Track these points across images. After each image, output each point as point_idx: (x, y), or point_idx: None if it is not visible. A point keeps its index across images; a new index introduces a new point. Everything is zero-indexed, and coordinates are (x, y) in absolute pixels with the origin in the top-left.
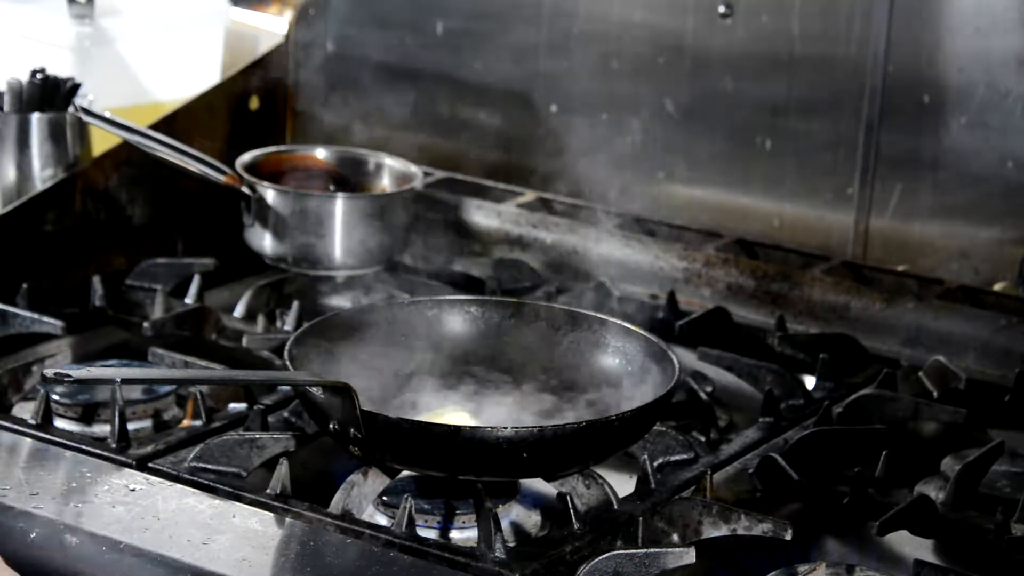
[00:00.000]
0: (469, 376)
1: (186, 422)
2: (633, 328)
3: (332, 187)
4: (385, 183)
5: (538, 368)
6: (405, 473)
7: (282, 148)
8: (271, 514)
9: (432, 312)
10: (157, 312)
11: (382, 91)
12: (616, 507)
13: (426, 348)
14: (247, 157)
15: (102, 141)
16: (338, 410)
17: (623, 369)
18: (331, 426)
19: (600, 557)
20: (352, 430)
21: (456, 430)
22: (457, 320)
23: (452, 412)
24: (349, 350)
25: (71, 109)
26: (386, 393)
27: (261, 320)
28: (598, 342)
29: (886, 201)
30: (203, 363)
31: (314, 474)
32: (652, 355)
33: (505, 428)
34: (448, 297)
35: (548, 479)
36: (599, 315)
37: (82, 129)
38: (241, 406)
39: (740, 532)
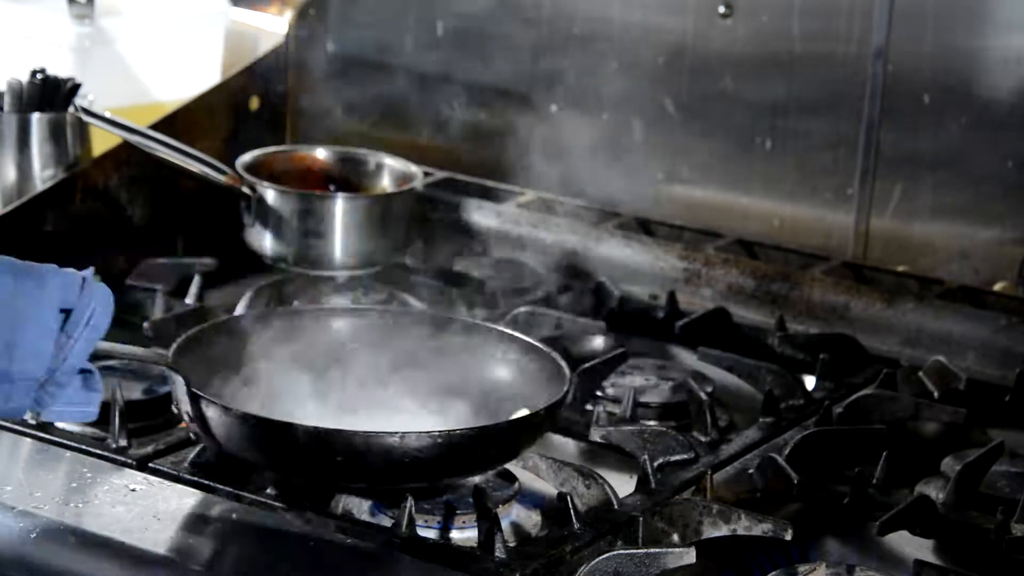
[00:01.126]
0: (361, 383)
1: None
2: (521, 336)
3: (332, 187)
4: (385, 183)
5: (425, 377)
6: None
7: (282, 148)
8: (271, 514)
9: (323, 320)
10: (157, 312)
11: (382, 91)
12: (616, 507)
13: (314, 356)
14: (247, 157)
15: (102, 141)
16: (178, 390)
17: (512, 376)
18: (172, 406)
19: (600, 557)
20: (185, 410)
21: (263, 421)
22: (354, 328)
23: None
24: (242, 355)
25: (71, 109)
26: (272, 397)
27: None
28: (490, 353)
29: (886, 201)
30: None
31: None
32: (540, 362)
33: (305, 424)
34: (340, 307)
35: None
36: (492, 325)
37: (82, 129)
38: None
39: (740, 532)
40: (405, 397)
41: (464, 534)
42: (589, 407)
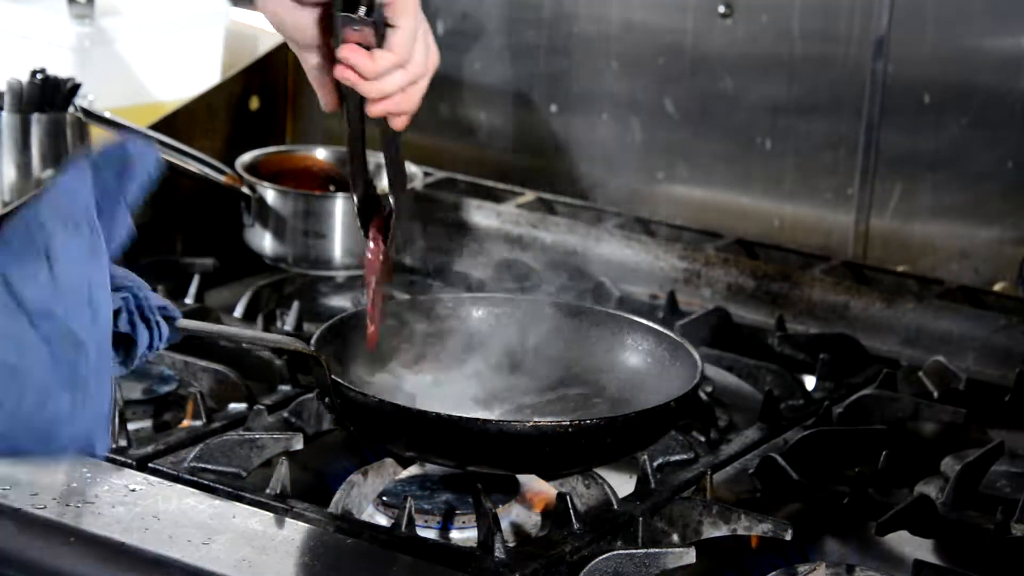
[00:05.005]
0: (494, 369)
1: (186, 422)
2: (653, 325)
3: (332, 187)
4: (385, 183)
5: (557, 364)
6: (405, 473)
7: (282, 148)
8: (271, 514)
9: (456, 308)
10: None
11: None
12: (616, 507)
13: (449, 342)
14: (247, 157)
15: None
16: (319, 379)
17: (644, 366)
18: (315, 391)
19: (600, 557)
20: (327, 397)
21: (403, 410)
22: (487, 316)
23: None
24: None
25: (71, 109)
26: (409, 383)
27: (261, 320)
28: (619, 340)
29: (886, 201)
30: (202, 363)
31: (314, 474)
32: (672, 351)
33: (431, 412)
34: (474, 294)
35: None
36: (624, 314)
37: (82, 129)
38: (241, 406)
39: (740, 532)
40: (538, 383)
41: (464, 534)
42: None
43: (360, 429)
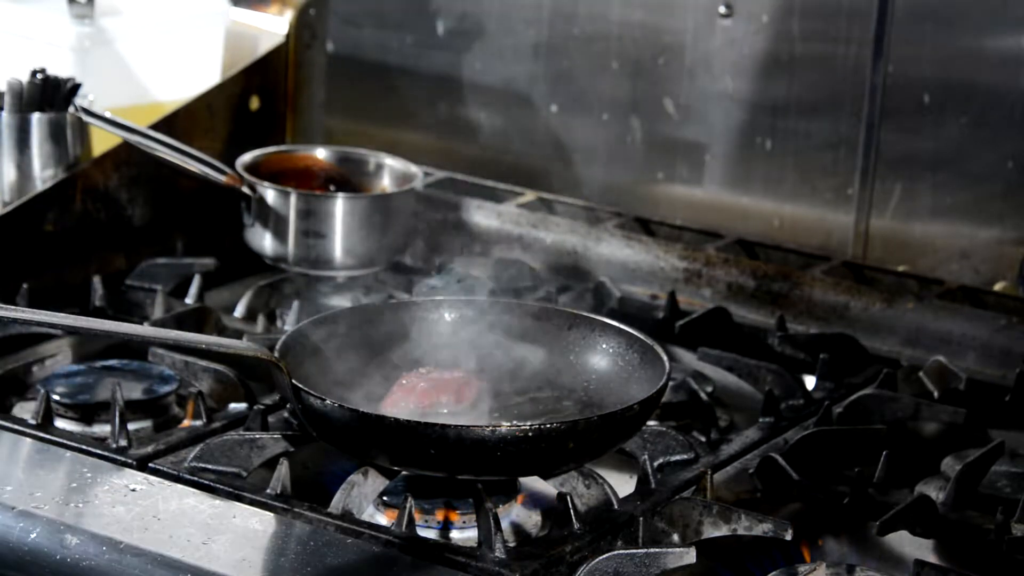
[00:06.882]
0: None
1: (186, 422)
2: (624, 328)
3: (332, 187)
4: (385, 183)
5: (526, 367)
6: (405, 473)
7: (282, 148)
8: (271, 514)
9: (423, 312)
10: (157, 312)
11: (382, 91)
12: (616, 507)
13: (415, 347)
14: (247, 157)
15: (102, 141)
16: (280, 384)
17: (615, 368)
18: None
19: (600, 557)
20: (288, 403)
21: (362, 415)
22: (454, 320)
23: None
24: (346, 348)
25: (71, 109)
26: (375, 388)
27: (261, 320)
28: (590, 342)
29: (886, 201)
30: (203, 363)
31: (314, 474)
32: (643, 354)
33: (391, 417)
34: (440, 298)
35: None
36: (592, 315)
37: (82, 129)
38: (241, 406)
39: (740, 532)
40: (509, 386)
41: (464, 534)
42: None
43: (322, 434)
